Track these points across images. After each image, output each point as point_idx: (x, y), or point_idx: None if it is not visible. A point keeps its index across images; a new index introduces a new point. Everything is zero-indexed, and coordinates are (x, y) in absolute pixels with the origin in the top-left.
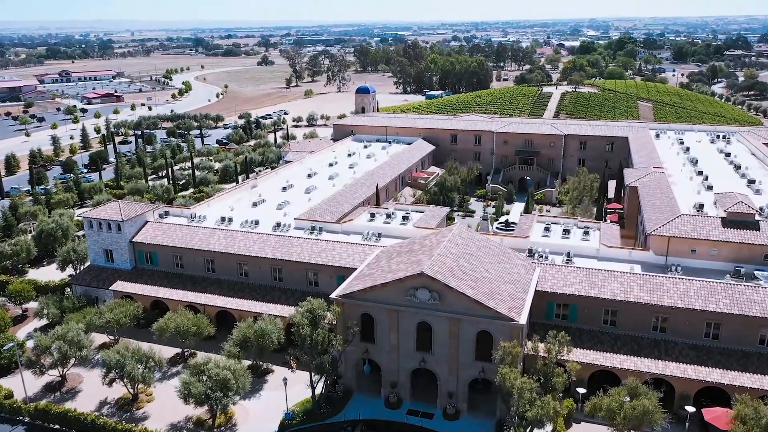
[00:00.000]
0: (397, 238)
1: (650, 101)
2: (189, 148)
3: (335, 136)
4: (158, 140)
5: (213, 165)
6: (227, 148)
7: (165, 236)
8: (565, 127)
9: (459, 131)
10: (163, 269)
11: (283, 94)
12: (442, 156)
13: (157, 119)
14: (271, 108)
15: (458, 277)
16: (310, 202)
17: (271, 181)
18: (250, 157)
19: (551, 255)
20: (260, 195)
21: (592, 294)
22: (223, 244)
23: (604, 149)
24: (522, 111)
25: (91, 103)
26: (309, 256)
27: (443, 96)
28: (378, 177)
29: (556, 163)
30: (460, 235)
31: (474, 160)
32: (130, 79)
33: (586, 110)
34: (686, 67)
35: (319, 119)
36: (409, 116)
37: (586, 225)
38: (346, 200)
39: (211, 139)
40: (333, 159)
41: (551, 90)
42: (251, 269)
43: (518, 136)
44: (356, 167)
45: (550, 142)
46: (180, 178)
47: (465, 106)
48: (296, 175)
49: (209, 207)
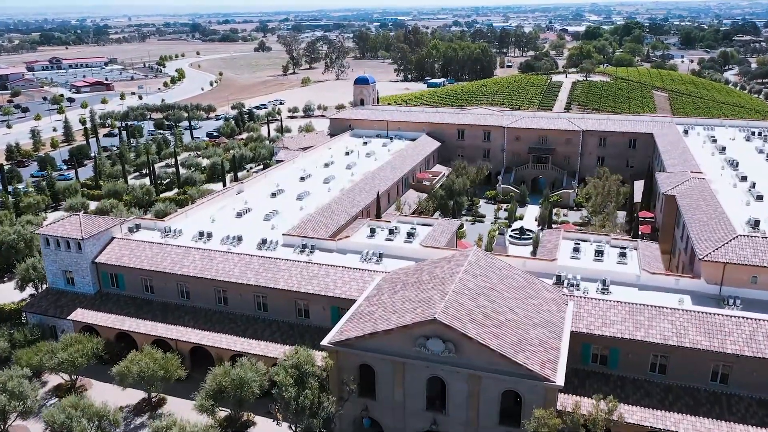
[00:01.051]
0: (402, 260)
1: (665, 90)
2: (176, 143)
3: (332, 131)
4: (145, 133)
5: (200, 162)
6: (217, 143)
7: (132, 256)
8: (583, 122)
9: (466, 126)
10: (130, 294)
11: (279, 81)
12: (448, 153)
13: (145, 110)
14: (267, 97)
15: (478, 322)
16: (302, 212)
17: (259, 186)
18: (241, 153)
19: (583, 282)
20: (246, 203)
21: (637, 337)
22: (199, 267)
23: (625, 147)
24: (531, 102)
25: (80, 91)
26: (298, 282)
27: (445, 84)
28: (378, 181)
29: (572, 162)
30: (478, 263)
31: (483, 157)
32: (122, 66)
33: (599, 101)
34: (694, 53)
35: (316, 110)
36: (412, 110)
37: (621, 244)
38: (343, 209)
39: (201, 131)
40: (329, 158)
41: (560, 79)
42: (231, 297)
43: (531, 131)
44: (354, 168)
45: (567, 139)
46: (164, 177)
47: (470, 96)
48: (288, 178)
49: (187, 218)
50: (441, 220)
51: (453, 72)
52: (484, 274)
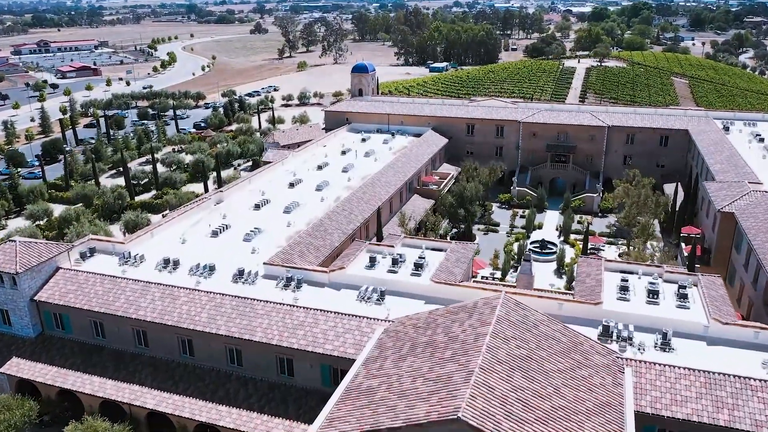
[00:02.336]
0: (408, 298)
1: (684, 77)
2: (158, 136)
3: (327, 125)
4: (128, 124)
5: (183, 158)
6: (203, 136)
7: (80, 293)
8: (608, 116)
9: (477, 120)
10: (78, 338)
11: (275, 66)
12: (456, 150)
13: (130, 98)
14: (260, 83)
15: (517, 417)
16: (290, 229)
17: (242, 194)
18: (227, 149)
19: (637, 333)
20: (225, 217)
21: (721, 422)
22: (159, 309)
23: (656, 144)
24: (543, 91)
25: (66, 77)
26: (280, 333)
27: (448, 68)
28: (379, 188)
29: (596, 161)
30: (508, 318)
31: (495, 155)
32: (113, 49)
33: (616, 89)
34: (705, 36)
35: (312, 97)
36: (415, 101)
37: (679, 280)
38: (338, 227)
39: (189, 121)
40: (323, 158)
41: (573, 64)
42: (199, 347)
43: (550, 127)
44: (352, 170)
45: (590, 135)
46: (141, 177)
47: (476, 83)
48: (275, 184)
49: (153, 238)
50: (454, 244)
51: (456, 55)
52: (517, 335)
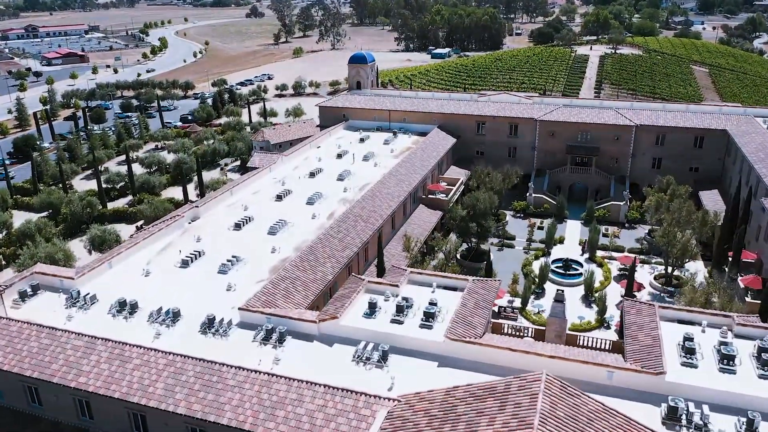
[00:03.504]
0: (417, 358)
1: (704, 65)
2: (140, 132)
3: (322, 122)
4: (111, 116)
5: (165, 158)
6: (189, 131)
7: (10, 350)
8: (635, 113)
9: (488, 118)
10: (10, 404)
11: (270, 51)
12: (464, 150)
13: (115, 87)
14: (254, 71)
15: None
16: (275, 255)
17: (221, 210)
18: (213, 147)
19: (712, 414)
20: (198, 240)
21: None
22: (105, 376)
23: (689, 146)
24: (556, 80)
25: (51, 64)
26: (254, 414)
27: (451, 54)
28: (380, 201)
29: (621, 164)
30: (554, 413)
31: (508, 157)
32: (103, 34)
33: (634, 79)
34: (715, 20)
35: (308, 87)
36: (419, 95)
37: (755, 336)
38: (331, 253)
39: (176, 113)
40: (315, 163)
41: (585, 51)
42: (154, 424)
43: (570, 126)
44: (348, 178)
45: (616, 135)
46: (117, 180)
47: (483, 72)
48: (260, 196)
49: (111, 269)
50: (472, 282)
51: (458, 41)
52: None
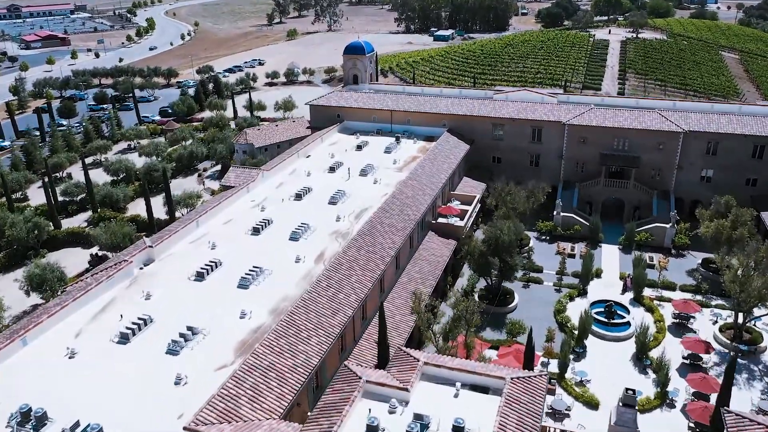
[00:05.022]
0: None
1: (734, 50)
2: (111, 129)
3: (313, 122)
4: (85, 109)
5: (134, 164)
6: (166, 128)
7: None
8: (683, 117)
9: (506, 120)
10: None
11: (263, 33)
12: (477, 156)
13: (92, 75)
14: (244, 55)
15: None
16: (244, 324)
17: (182, 248)
18: (190, 150)
19: None
20: (148, 297)
21: None
22: None
23: (746, 156)
24: (575, 70)
25: (30, 47)
26: None
27: (454, 36)
28: (381, 237)
29: (664, 177)
30: None
31: (530, 165)
32: (89, 14)
33: (662, 67)
34: None
35: (301, 74)
36: (425, 92)
37: None
38: (317, 324)
39: (155, 106)
40: (303, 179)
41: (603, 36)
42: None
43: (606, 131)
44: (342, 201)
45: (659, 143)
46: (75, 192)
47: (492, 59)
48: (233, 228)
49: (25, 347)
50: (511, 383)
51: (462, 22)
52: None
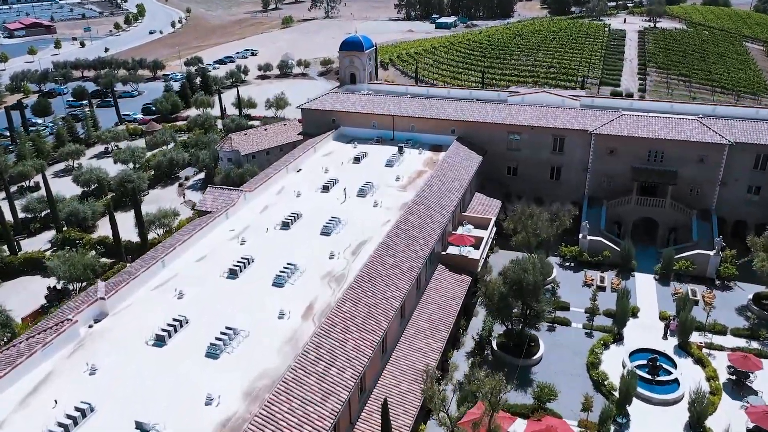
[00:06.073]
0: None
1: (758, 41)
2: (87, 130)
3: (306, 128)
4: (63, 105)
5: (106, 173)
6: (147, 129)
7: None
8: (726, 125)
9: (524, 128)
10: None
11: (258, 20)
12: (491, 168)
13: (73, 68)
14: (237, 44)
15: None
16: (210, 412)
17: (143, 295)
18: (170, 158)
19: None
20: (92, 370)
21: None
22: None
23: None
24: (591, 63)
25: (14, 35)
26: None
27: (457, 23)
28: (382, 282)
29: (705, 194)
30: None
31: (549, 179)
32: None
33: (683, 60)
34: None
35: (296, 66)
36: (430, 92)
37: None
38: (303, 412)
39: (139, 102)
40: (292, 202)
41: (619, 25)
42: None
43: (639, 142)
44: (337, 231)
45: (700, 156)
46: (38, 208)
47: (500, 51)
48: (206, 266)
49: None
50: None
51: (464, 8)
52: None
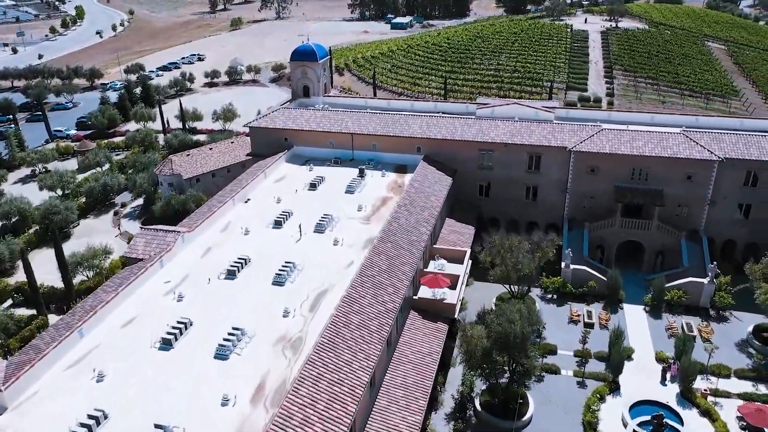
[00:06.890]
0: None
1: (719, 40)
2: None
3: (255, 148)
4: None
5: (29, 203)
6: (80, 148)
7: None
8: (713, 139)
9: (497, 146)
10: None
11: (205, 21)
12: (462, 190)
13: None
14: (183, 48)
15: None
16: None
17: (56, 374)
18: (103, 182)
19: None
20: None
21: None
22: None
23: None
24: (557, 66)
25: None
26: None
27: (413, 23)
28: (347, 347)
29: (693, 215)
30: None
31: (525, 199)
32: (13, 1)
33: (649, 62)
34: None
35: (245, 72)
36: (392, 106)
37: None
38: None
39: (73, 115)
40: (238, 244)
41: (580, 25)
42: None
43: (622, 159)
44: (291, 280)
45: (687, 174)
46: None
47: (461, 54)
48: (134, 333)
49: None
50: None
51: (420, 7)
52: None
